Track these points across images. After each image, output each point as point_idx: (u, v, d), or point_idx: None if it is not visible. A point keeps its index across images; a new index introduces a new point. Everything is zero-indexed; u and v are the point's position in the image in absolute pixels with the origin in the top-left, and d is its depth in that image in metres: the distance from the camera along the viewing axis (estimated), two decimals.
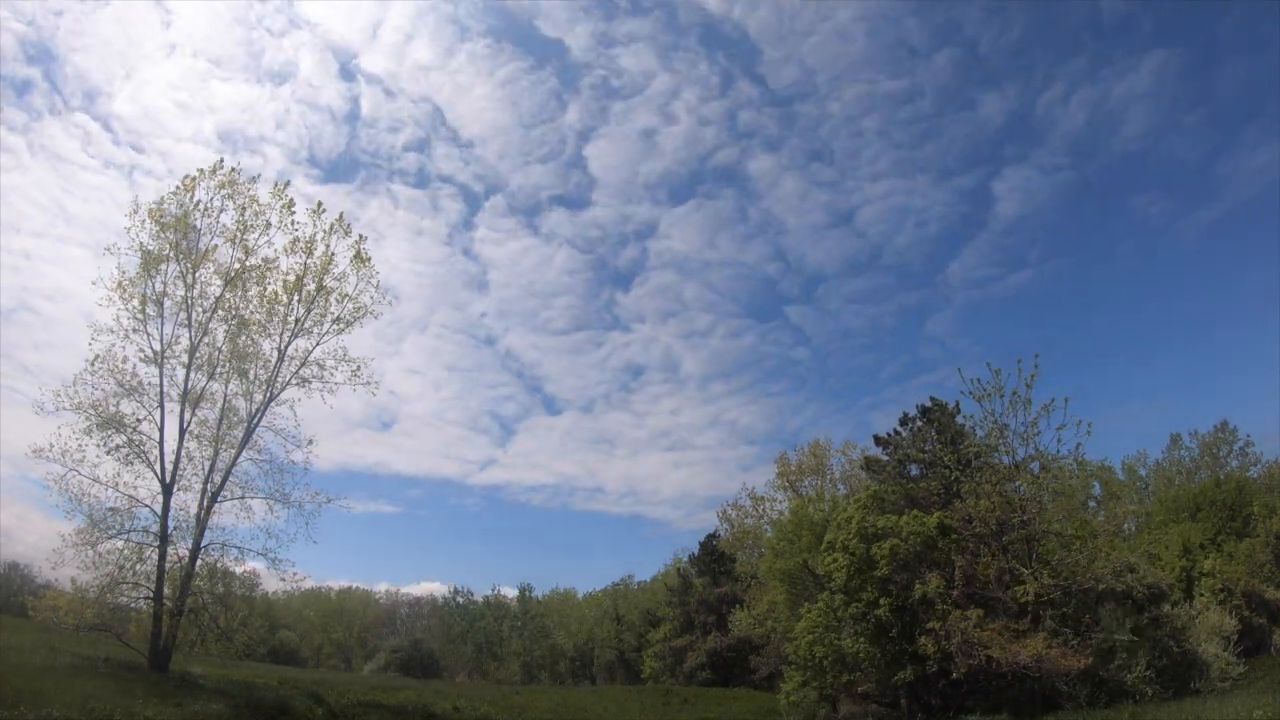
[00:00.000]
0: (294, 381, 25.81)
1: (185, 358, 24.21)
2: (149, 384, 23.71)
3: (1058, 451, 24.84)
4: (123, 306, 23.67)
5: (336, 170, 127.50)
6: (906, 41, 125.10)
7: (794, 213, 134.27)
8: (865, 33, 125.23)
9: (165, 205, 24.57)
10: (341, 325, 26.39)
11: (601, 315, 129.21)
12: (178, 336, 24.35)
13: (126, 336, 23.53)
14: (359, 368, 26.36)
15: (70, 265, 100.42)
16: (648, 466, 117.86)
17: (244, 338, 25.16)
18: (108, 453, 22.57)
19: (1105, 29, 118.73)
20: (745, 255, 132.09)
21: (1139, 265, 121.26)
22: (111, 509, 22.41)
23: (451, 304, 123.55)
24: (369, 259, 26.76)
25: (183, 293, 24.35)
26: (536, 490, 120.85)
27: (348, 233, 26.81)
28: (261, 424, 25.06)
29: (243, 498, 24.33)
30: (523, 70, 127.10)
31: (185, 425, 23.83)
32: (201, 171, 25.18)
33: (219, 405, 24.67)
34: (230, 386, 24.96)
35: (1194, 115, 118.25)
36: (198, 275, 24.59)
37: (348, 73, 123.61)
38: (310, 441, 25.28)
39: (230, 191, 25.09)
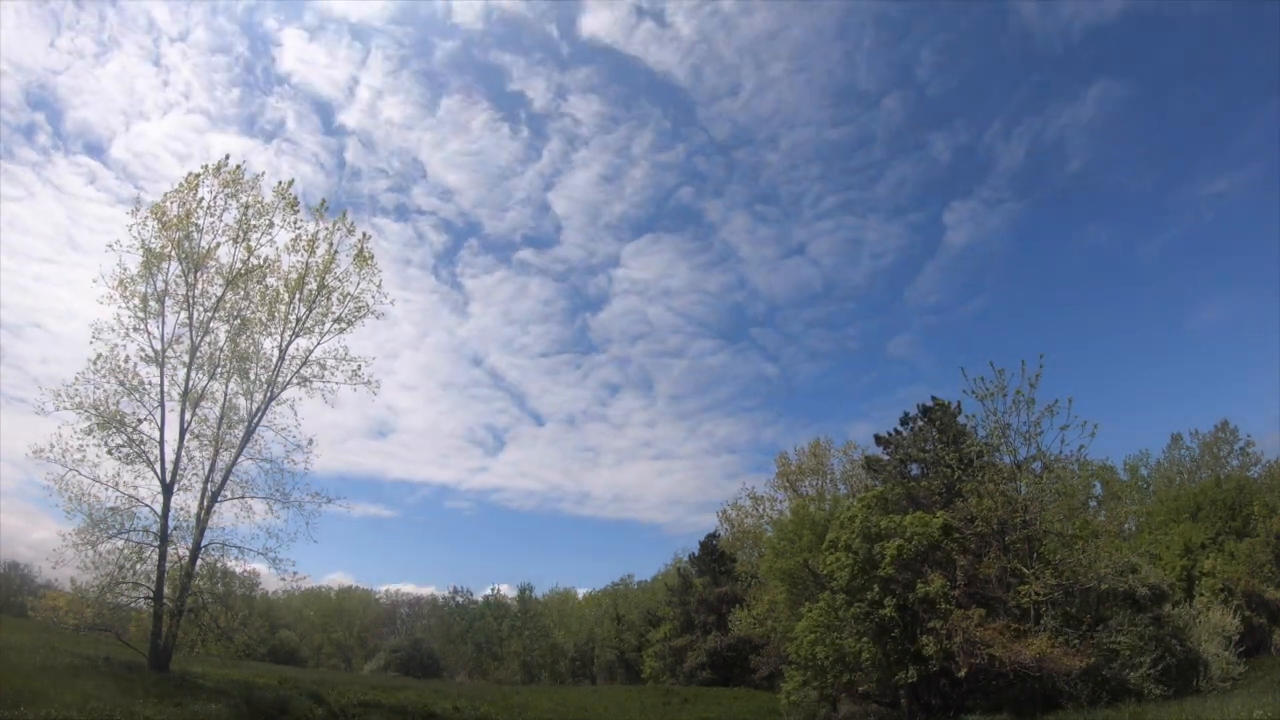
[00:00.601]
0: (295, 381, 25.76)
1: (186, 357, 24.14)
2: (150, 383, 23.66)
3: (1060, 451, 24.85)
4: (124, 305, 23.64)
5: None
6: (855, 88, 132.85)
7: (748, 244, 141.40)
8: (803, 84, 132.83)
9: (167, 204, 24.53)
10: (343, 325, 26.35)
11: (578, 339, 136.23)
12: (179, 336, 24.31)
13: (127, 335, 23.48)
14: (359, 367, 26.33)
15: (78, 287, 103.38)
16: (633, 474, 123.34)
17: (245, 337, 25.11)
18: (108, 452, 22.50)
19: (1049, 63, 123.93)
20: (707, 284, 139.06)
21: (1091, 291, 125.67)
22: (112, 509, 22.37)
23: (441, 327, 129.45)
24: (371, 257, 26.73)
25: (184, 292, 24.30)
26: (529, 495, 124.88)
27: (351, 231, 26.79)
28: (262, 424, 25.04)
29: (243, 497, 24.29)
30: (493, 123, 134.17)
31: (186, 425, 23.77)
32: (205, 169, 25.14)
33: (220, 405, 24.64)
34: (231, 386, 24.94)
35: (1142, 145, 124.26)
36: (199, 274, 24.53)
37: (330, 128, 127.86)
38: (310, 441, 25.25)
39: (233, 190, 25.03)
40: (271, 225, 25.57)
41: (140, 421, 23.28)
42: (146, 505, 23.02)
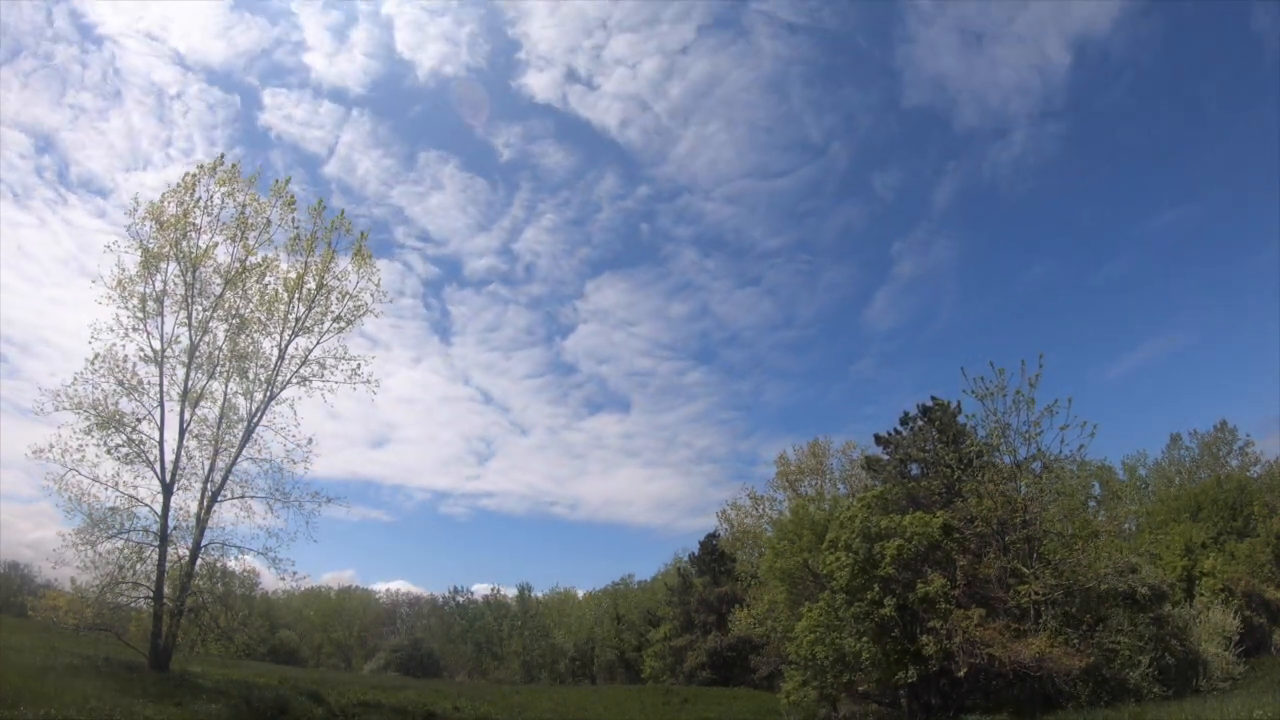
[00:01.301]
0: (294, 380, 25.74)
1: (185, 357, 24.12)
2: (149, 383, 23.64)
3: (1060, 451, 24.84)
4: (122, 305, 23.62)
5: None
6: (805, 139, 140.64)
7: (704, 277, 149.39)
8: (741, 136, 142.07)
9: (165, 204, 24.50)
10: (342, 324, 26.33)
11: (555, 363, 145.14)
12: (178, 335, 24.30)
13: (126, 335, 23.46)
14: (359, 366, 26.31)
15: (89, 308, 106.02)
16: (622, 481, 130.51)
17: (244, 336, 25.08)
18: (108, 452, 22.49)
19: (990, 104, 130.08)
20: (670, 311, 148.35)
21: (1039, 318, 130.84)
22: (111, 508, 22.38)
23: (433, 351, 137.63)
24: (370, 256, 26.73)
25: (182, 291, 24.28)
26: (521, 500, 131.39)
27: (349, 230, 26.78)
28: (262, 423, 25.02)
29: (243, 497, 24.28)
30: (466, 176, 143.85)
31: (185, 424, 23.76)
32: (201, 168, 25.11)
33: (219, 404, 24.62)
34: (230, 385, 24.92)
35: (1084, 179, 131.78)
36: (198, 274, 24.51)
37: (316, 178, 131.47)
38: (310, 440, 25.23)
39: (231, 189, 25.01)
40: (269, 224, 25.59)
41: (140, 421, 23.30)
42: (146, 505, 23.06)
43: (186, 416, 23.81)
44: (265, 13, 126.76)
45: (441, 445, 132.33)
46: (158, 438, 23.48)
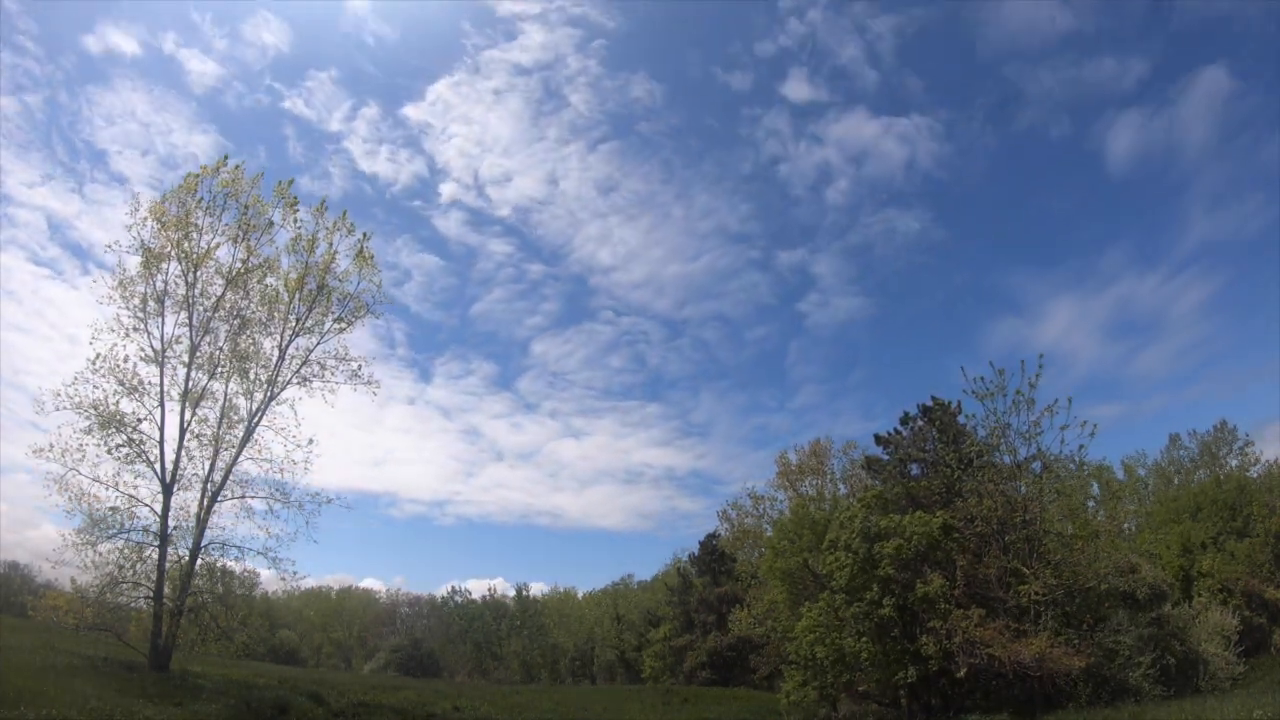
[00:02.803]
0: (295, 380, 25.75)
1: (186, 357, 24.09)
2: (149, 383, 23.60)
3: (1060, 451, 24.86)
4: (123, 305, 23.61)
5: None
6: (725, 228, 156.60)
7: (636, 333, 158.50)
8: (646, 228, 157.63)
9: (167, 204, 24.50)
10: (343, 324, 26.35)
11: (517, 402, 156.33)
12: (178, 335, 24.25)
13: (127, 335, 23.42)
14: (359, 367, 26.35)
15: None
16: (596, 496, 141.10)
17: (245, 336, 25.09)
18: (108, 452, 22.43)
19: (874, 185, 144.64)
20: (610, 362, 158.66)
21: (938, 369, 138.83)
22: (112, 509, 22.32)
23: (419, 394, 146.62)
24: (372, 257, 26.72)
25: (184, 291, 24.27)
26: (506, 512, 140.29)
27: (350, 231, 26.75)
28: (262, 423, 25.01)
29: (243, 497, 24.27)
30: (430, 264, 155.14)
31: (186, 424, 23.74)
32: (204, 169, 25.10)
33: (220, 404, 24.61)
34: (231, 385, 24.90)
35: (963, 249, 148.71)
36: (199, 274, 24.51)
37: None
38: (310, 440, 25.22)
39: (233, 190, 24.99)
40: (271, 225, 25.58)
41: (140, 421, 23.24)
42: (146, 505, 23.00)
43: (187, 416, 23.80)
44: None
45: (432, 465, 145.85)
46: (158, 438, 23.46)
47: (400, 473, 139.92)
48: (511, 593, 71.69)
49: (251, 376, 25.12)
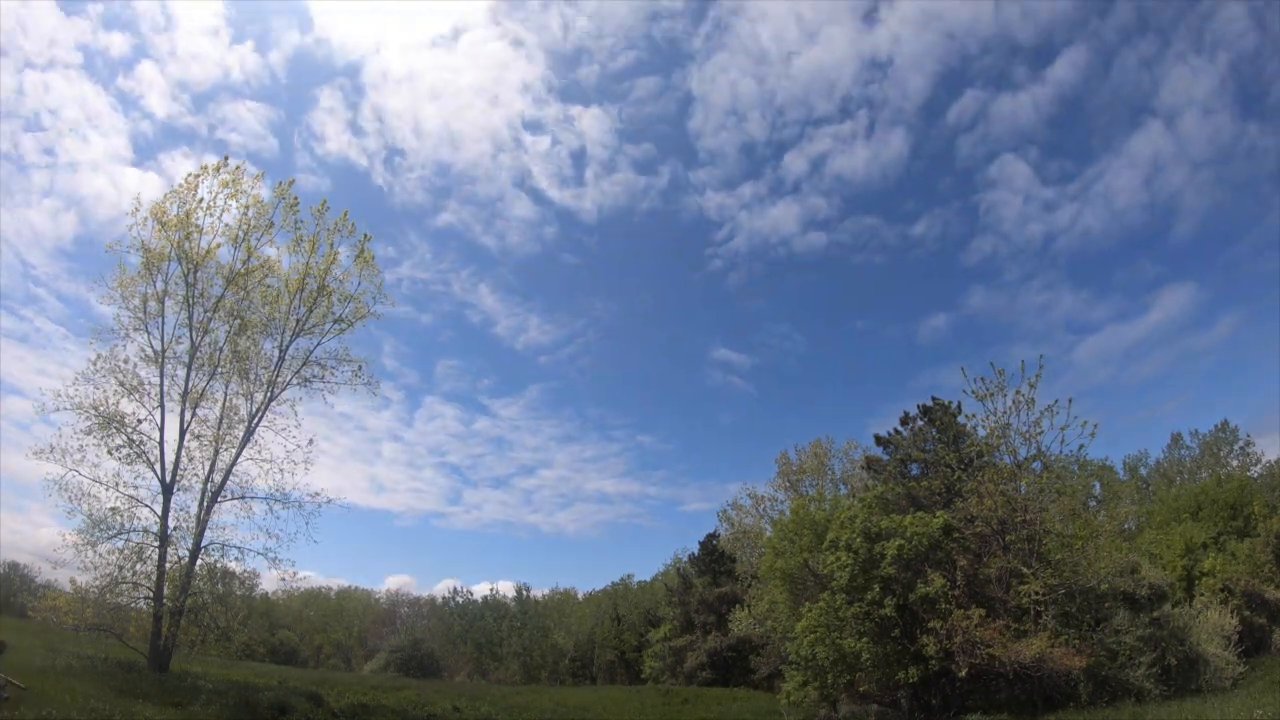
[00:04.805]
0: (295, 381, 25.78)
1: (186, 357, 24.15)
2: (149, 384, 23.68)
3: (1060, 451, 24.84)
4: (124, 306, 23.67)
5: None
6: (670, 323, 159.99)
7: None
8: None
9: (167, 204, 24.52)
10: (343, 325, 26.39)
11: (493, 439, 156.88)
12: (179, 336, 24.31)
13: (127, 336, 23.54)
14: (360, 368, 26.38)
15: None
16: (575, 511, 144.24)
17: (245, 337, 25.11)
18: (108, 453, 22.50)
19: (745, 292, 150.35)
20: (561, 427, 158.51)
21: None
22: (112, 509, 22.34)
23: (404, 435, 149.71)
24: (372, 258, 26.74)
25: (184, 292, 24.30)
26: (493, 523, 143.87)
27: (351, 232, 26.78)
28: (262, 424, 25.04)
29: (243, 498, 24.31)
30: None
31: (186, 425, 23.77)
32: (205, 169, 25.14)
33: (220, 405, 24.65)
34: (231, 386, 24.96)
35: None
36: (199, 275, 24.54)
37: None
38: (310, 441, 25.25)
39: (233, 190, 25.02)
40: (271, 225, 25.60)
41: (140, 422, 23.32)
42: (146, 505, 23.04)
43: (187, 417, 23.83)
44: None
45: (422, 485, 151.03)
46: (158, 438, 23.51)
47: (393, 497, 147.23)
48: (512, 593, 71.81)
49: (251, 377, 25.18)
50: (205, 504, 23.60)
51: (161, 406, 23.68)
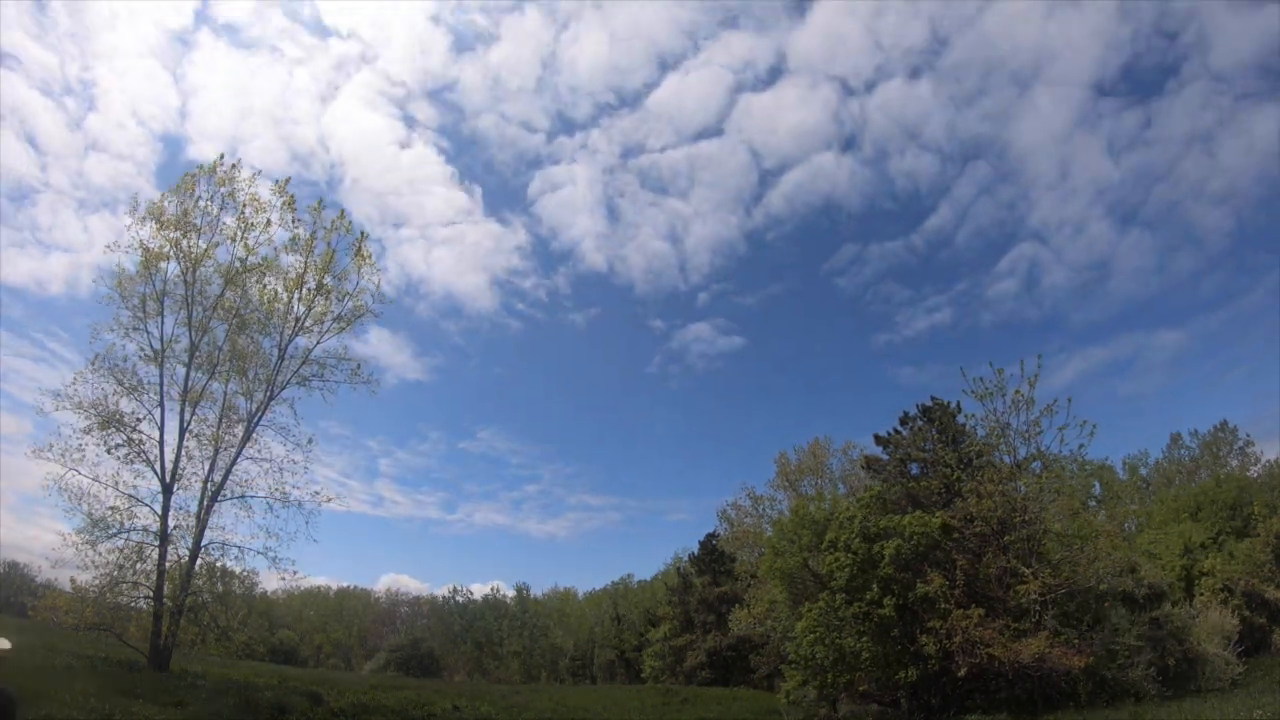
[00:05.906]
0: (294, 380, 25.76)
1: (185, 356, 24.13)
2: (149, 383, 23.65)
3: (1059, 451, 24.86)
4: (123, 305, 23.63)
5: None
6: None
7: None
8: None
9: (165, 203, 24.51)
10: (342, 324, 26.37)
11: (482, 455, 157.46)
12: (178, 335, 24.30)
13: (127, 335, 23.47)
14: (359, 366, 26.37)
15: None
16: (563, 521, 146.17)
17: (244, 336, 25.10)
18: (108, 452, 22.46)
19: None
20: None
21: None
22: (112, 508, 22.33)
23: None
24: (370, 256, 26.75)
25: (183, 291, 24.29)
26: (483, 529, 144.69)
27: (348, 230, 26.79)
28: (262, 423, 25.03)
29: (243, 497, 24.28)
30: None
31: (185, 424, 23.76)
32: (201, 169, 25.11)
33: (219, 404, 24.63)
34: (230, 385, 24.94)
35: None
36: (198, 273, 24.53)
37: None
38: (310, 440, 25.24)
39: (231, 189, 25.00)
40: (269, 224, 25.58)
41: (140, 421, 23.28)
42: (146, 505, 23.02)
43: (186, 416, 23.81)
44: None
45: (419, 492, 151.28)
46: (158, 437, 23.50)
47: (388, 510, 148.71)
48: (512, 593, 71.86)
49: (251, 376, 25.15)
50: (205, 503, 23.59)
51: (161, 405, 23.69)
